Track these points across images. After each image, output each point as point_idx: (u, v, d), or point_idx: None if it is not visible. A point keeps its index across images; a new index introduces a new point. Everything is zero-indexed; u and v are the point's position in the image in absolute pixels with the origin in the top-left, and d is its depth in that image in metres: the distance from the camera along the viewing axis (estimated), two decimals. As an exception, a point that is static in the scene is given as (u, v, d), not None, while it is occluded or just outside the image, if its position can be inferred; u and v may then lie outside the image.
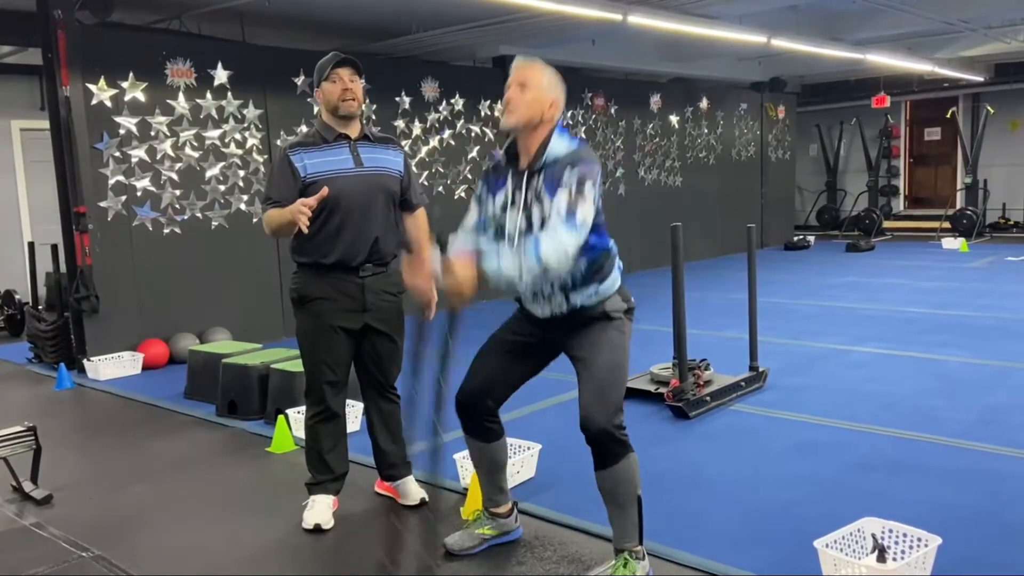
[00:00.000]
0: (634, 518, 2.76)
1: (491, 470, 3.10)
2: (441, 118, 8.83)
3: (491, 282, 2.58)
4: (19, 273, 8.78)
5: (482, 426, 3.00)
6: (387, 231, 3.37)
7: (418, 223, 3.57)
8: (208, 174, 7.04)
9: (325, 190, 3.08)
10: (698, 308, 6.22)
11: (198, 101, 6.96)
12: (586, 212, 2.61)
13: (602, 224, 2.79)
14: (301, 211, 2.97)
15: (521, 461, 3.75)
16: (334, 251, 3.27)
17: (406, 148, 3.72)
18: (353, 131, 3.35)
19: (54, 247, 6.84)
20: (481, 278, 2.58)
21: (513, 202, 2.78)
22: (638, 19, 7.30)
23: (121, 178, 6.56)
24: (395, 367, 3.52)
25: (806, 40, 9.33)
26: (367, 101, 7.61)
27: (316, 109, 7.58)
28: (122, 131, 6.55)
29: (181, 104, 6.86)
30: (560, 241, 2.55)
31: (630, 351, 2.84)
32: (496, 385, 2.95)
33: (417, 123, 8.58)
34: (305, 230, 3.01)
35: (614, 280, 2.83)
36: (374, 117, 8.00)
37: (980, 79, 13.36)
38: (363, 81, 3.36)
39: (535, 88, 2.75)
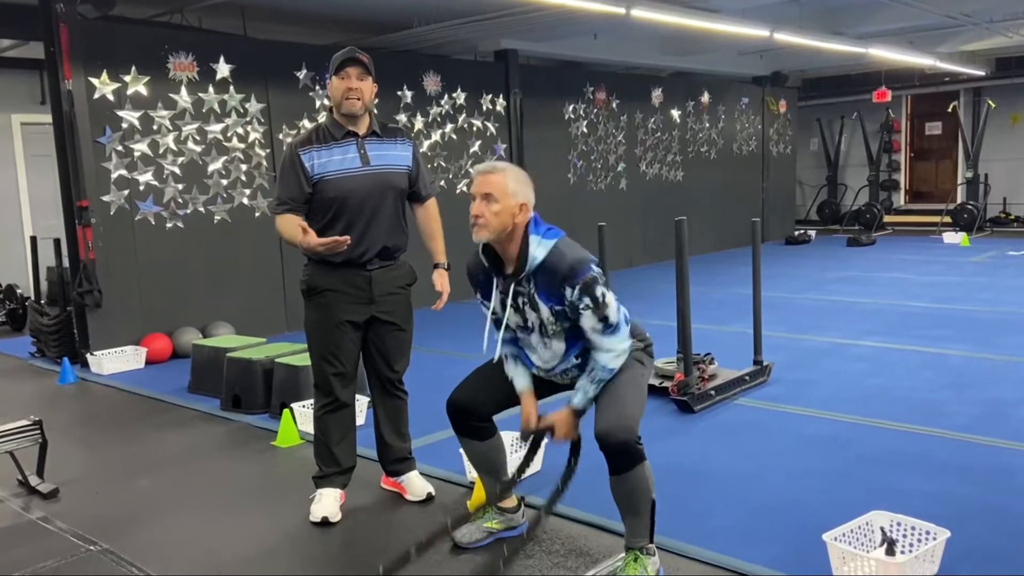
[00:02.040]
0: (646, 521, 2.77)
1: (489, 467, 3.11)
2: (443, 112, 8.81)
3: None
4: (20, 267, 8.78)
5: (472, 427, 3.02)
6: (395, 229, 3.38)
7: (429, 214, 3.57)
8: (210, 168, 7.03)
9: (347, 240, 3.17)
10: (700, 302, 6.23)
11: (200, 95, 6.94)
12: (612, 312, 2.68)
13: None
14: (313, 246, 3.12)
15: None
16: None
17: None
18: (361, 128, 3.35)
19: (57, 241, 6.84)
20: (578, 417, 2.77)
21: (503, 305, 2.81)
22: (641, 13, 7.28)
23: (124, 172, 6.55)
24: (403, 358, 3.51)
25: (808, 34, 9.32)
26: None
27: (319, 104, 7.65)
28: (124, 125, 6.54)
29: (183, 98, 6.84)
30: (613, 349, 2.69)
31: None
32: (493, 403, 2.99)
33: (419, 117, 8.57)
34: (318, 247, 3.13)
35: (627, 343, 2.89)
36: (376, 112, 7.97)
37: (981, 73, 13.34)
38: (373, 80, 3.34)
39: (501, 197, 2.66)
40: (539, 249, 2.68)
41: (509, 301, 2.78)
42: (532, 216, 2.74)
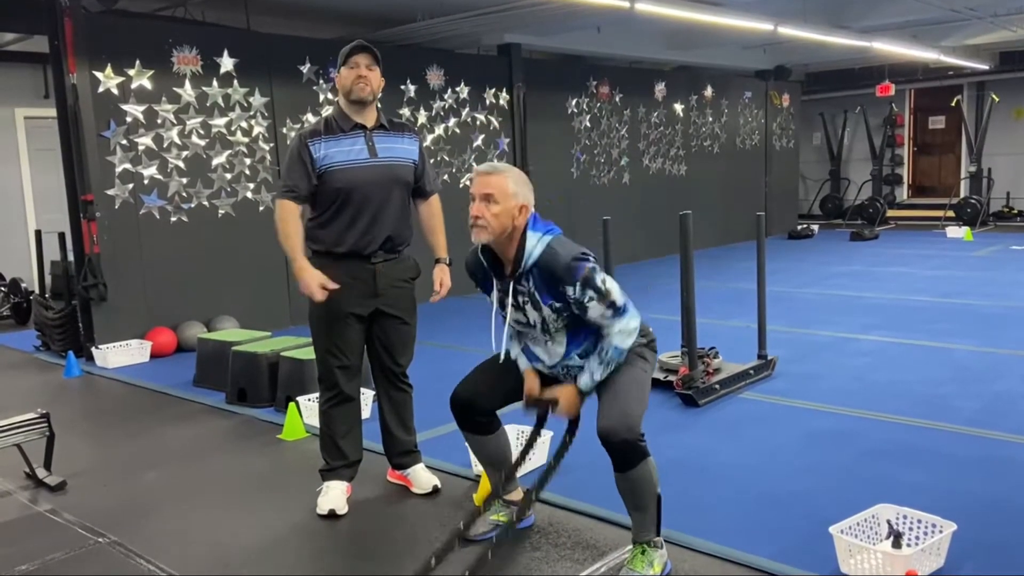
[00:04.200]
0: (653, 515, 2.78)
1: (494, 461, 3.12)
2: (446, 106, 8.81)
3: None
4: (24, 261, 8.80)
5: (476, 422, 3.03)
6: (400, 221, 3.38)
7: (431, 210, 3.57)
8: (215, 162, 7.04)
9: (333, 287, 3.21)
10: (703, 296, 6.22)
11: (204, 89, 6.94)
12: (617, 295, 2.68)
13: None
14: (311, 286, 3.18)
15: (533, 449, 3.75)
16: (347, 241, 3.29)
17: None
18: (369, 120, 3.36)
19: (61, 235, 6.85)
20: (582, 397, 2.78)
21: (503, 305, 2.83)
22: (645, 6, 7.26)
23: (128, 166, 6.56)
24: (407, 352, 3.52)
25: (812, 28, 9.30)
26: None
27: (322, 98, 7.65)
28: (129, 119, 6.54)
29: (187, 92, 6.84)
30: (625, 329, 2.70)
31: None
32: (496, 396, 3.00)
33: (422, 111, 8.56)
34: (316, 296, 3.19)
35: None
36: (379, 105, 7.97)
37: (985, 67, 13.31)
38: (380, 73, 3.36)
39: (501, 198, 2.67)
40: (537, 246, 2.70)
41: (509, 300, 2.80)
42: (531, 215, 2.75)
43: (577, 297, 2.64)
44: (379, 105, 3.45)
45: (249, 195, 7.27)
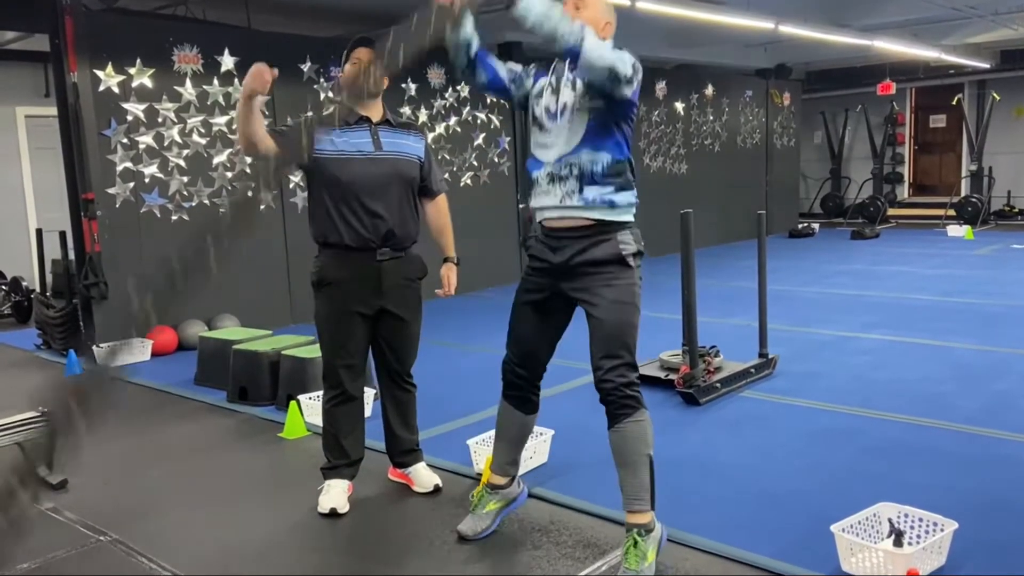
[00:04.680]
0: (644, 480, 2.75)
1: (516, 441, 3.13)
2: (447, 105, 8.80)
3: (519, 14, 2.63)
4: (25, 260, 8.81)
5: (525, 396, 3.04)
6: (403, 216, 3.37)
7: (439, 209, 3.57)
8: (215, 161, 7.03)
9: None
10: (704, 295, 6.22)
11: (205, 87, 6.94)
12: (625, 55, 2.65)
13: (628, 138, 2.83)
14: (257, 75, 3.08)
15: (534, 447, 3.76)
16: (349, 233, 3.27)
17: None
18: (375, 114, 3.35)
19: (62, 234, 6.85)
20: None
21: (548, 87, 2.87)
22: (646, 4, 7.26)
23: (129, 165, 6.56)
24: (411, 353, 3.52)
25: (813, 26, 9.30)
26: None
27: (323, 96, 7.65)
28: (130, 118, 6.54)
29: (188, 90, 6.84)
30: (604, 47, 2.61)
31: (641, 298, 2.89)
32: (537, 346, 2.99)
33: (423, 110, 8.56)
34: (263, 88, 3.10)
35: (629, 200, 2.85)
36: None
37: (986, 66, 13.31)
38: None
39: (591, 7, 2.77)
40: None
41: (556, 81, 2.85)
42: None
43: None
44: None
45: (249, 194, 7.25)
